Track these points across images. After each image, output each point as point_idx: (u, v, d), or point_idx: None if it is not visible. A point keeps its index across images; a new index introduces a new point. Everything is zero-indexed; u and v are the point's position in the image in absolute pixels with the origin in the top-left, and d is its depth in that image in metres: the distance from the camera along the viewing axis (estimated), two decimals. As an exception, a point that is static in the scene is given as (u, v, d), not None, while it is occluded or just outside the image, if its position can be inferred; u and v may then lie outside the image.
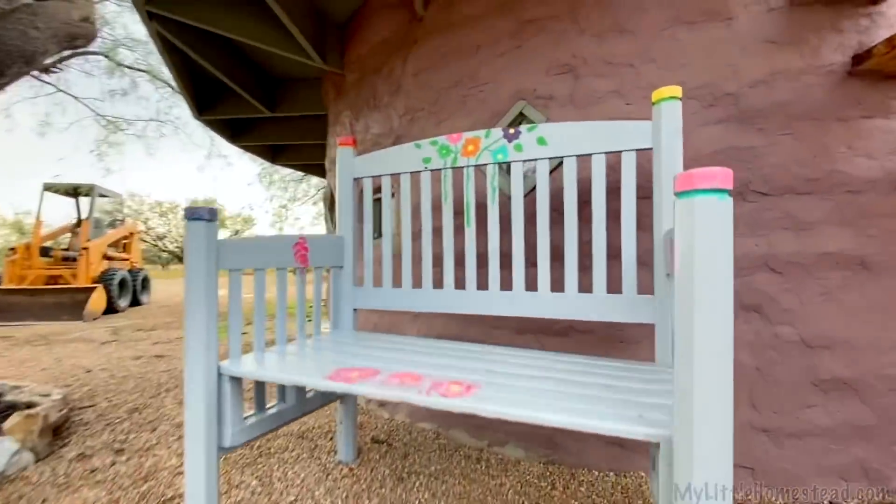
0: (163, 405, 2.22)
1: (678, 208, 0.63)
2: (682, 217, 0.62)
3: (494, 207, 1.38)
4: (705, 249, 0.59)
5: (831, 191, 1.37)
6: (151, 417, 2.05)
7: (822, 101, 1.37)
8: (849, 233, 1.36)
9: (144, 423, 1.98)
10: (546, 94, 1.65)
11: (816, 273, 1.38)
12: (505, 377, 0.98)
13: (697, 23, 1.47)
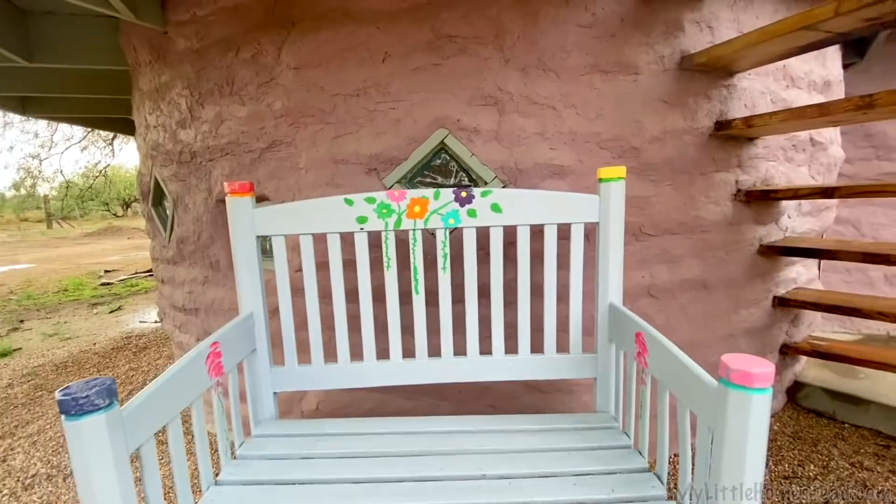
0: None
1: (731, 397, 0.71)
2: (733, 407, 0.70)
3: (446, 276, 1.29)
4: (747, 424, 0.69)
5: (692, 231, 1.71)
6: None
7: (694, 158, 1.66)
8: (698, 262, 1.75)
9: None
10: (471, 126, 1.54)
11: (678, 295, 1.75)
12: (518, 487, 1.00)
13: (611, 73, 1.54)
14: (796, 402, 2.25)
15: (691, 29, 1.58)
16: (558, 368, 1.34)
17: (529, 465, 1.07)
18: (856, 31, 1.20)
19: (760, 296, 1.94)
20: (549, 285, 1.31)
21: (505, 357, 1.34)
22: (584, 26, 1.51)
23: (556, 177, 1.56)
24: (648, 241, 1.67)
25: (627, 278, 1.66)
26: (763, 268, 1.91)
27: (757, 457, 0.71)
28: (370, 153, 1.59)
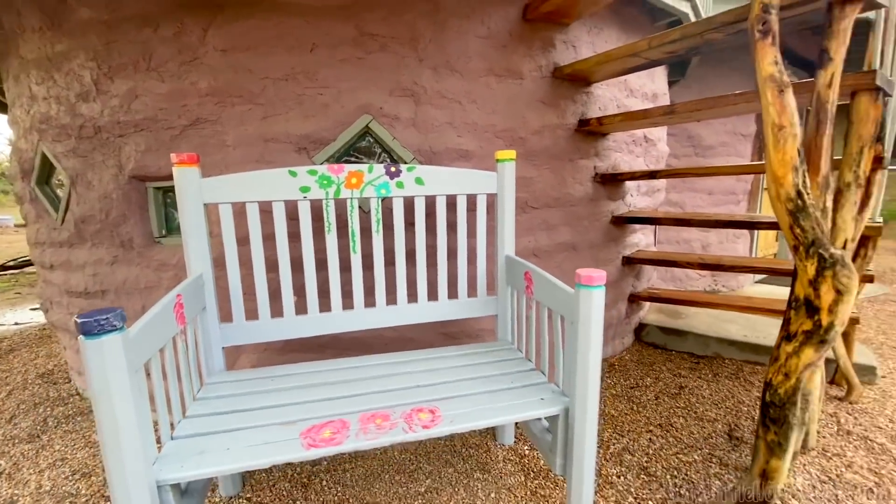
0: None
1: (581, 294, 1.10)
2: (583, 300, 1.10)
3: (379, 238, 1.55)
4: (591, 311, 1.10)
5: (564, 205, 2.20)
6: None
7: (564, 148, 2.13)
8: (569, 230, 2.25)
9: None
10: (392, 113, 1.81)
11: (555, 255, 2.23)
12: (444, 389, 1.31)
13: (503, 76, 1.93)
14: (640, 338, 2.95)
15: (561, 47, 2.03)
16: (470, 309, 1.70)
17: (450, 375, 1.40)
18: (663, 59, 1.73)
19: (613, 256, 2.54)
20: (461, 244, 1.65)
21: (428, 303, 1.65)
22: (481, 37, 1.87)
23: (463, 159, 1.91)
24: (533, 213, 2.11)
25: (518, 243, 2.08)
26: (615, 234, 2.50)
27: (597, 334, 1.12)
28: (300, 133, 1.77)
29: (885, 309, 3.75)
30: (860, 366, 2.29)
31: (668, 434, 1.89)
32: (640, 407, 2.11)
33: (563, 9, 1.82)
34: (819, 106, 1.19)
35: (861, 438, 1.83)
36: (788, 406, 1.12)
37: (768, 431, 1.16)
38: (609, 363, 2.61)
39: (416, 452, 1.78)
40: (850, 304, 1.02)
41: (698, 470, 1.64)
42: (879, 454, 1.73)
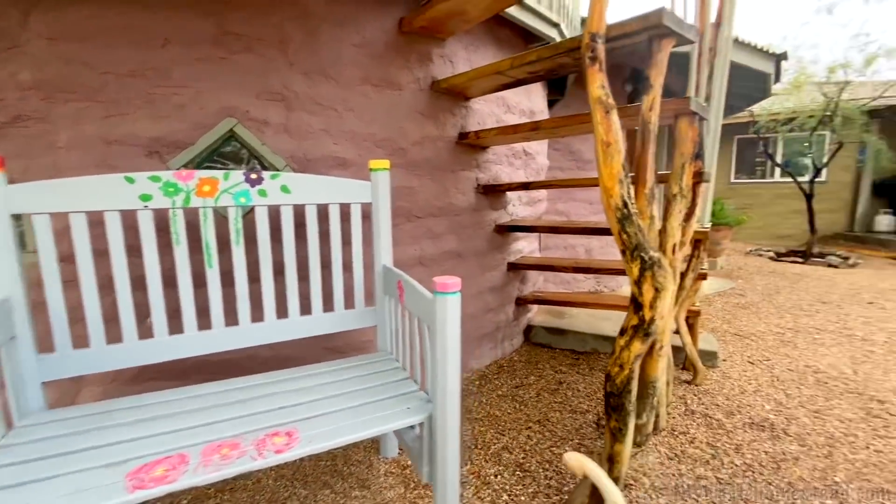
0: None
1: (437, 301, 1.12)
2: (439, 307, 1.12)
3: (240, 250, 1.45)
4: (447, 317, 1.12)
5: (448, 214, 2.25)
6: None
7: (446, 159, 2.19)
8: (454, 238, 2.31)
9: None
10: (260, 117, 1.71)
11: (442, 263, 2.27)
12: (306, 409, 1.25)
13: (381, 86, 1.93)
14: (529, 339, 3.11)
15: (438, 61, 2.09)
16: (347, 321, 1.65)
17: (317, 393, 1.34)
18: (528, 78, 1.86)
19: (499, 262, 2.66)
20: (336, 255, 1.60)
21: (301, 318, 1.58)
22: (357, 45, 1.86)
23: (341, 167, 1.86)
24: (417, 223, 2.13)
25: (403, 251, 2.08)
26: (499, 242, 2.62)
27: (454, 340, 1.15)
28: (151, 135, 1.60)
29: (730, 301, 4.40)
30: (704, 352, 2.64)
31: (545, 429, 2.00)
32: (522, 405, 2.22)
33: (435, 24, 1.88)
34: (643, 127, 1.36)
35: (703, 416, 2.10)
36: (625, 394, 1.24)
37: (611, 419, 1.28)
38: (499, 365, 2.72)
39: (293, 478, 1.68)
40: (667, 300, 1.17)
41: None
42: (717, 429, 2.00)
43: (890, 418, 2.09)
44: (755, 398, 2.28)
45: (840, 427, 2.01)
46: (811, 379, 2.52)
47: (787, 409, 2.17)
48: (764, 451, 1.83)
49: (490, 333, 2.68)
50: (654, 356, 1.74)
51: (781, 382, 2.47)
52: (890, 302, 4.25)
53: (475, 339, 2.55)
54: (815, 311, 3.97)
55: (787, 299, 4.40)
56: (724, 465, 1.74)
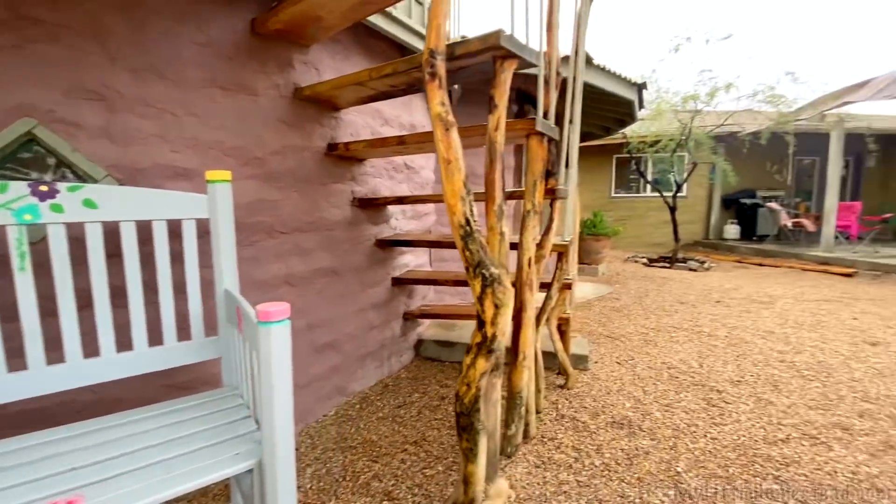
0: None
1: (260, 332, 1.00)
2: (262, 339, 1.00)
3: (27, 278, 1.18)
4: (271, 350, 1.01)
5: (320, 229, 2.13)
6: None
7: (314, 171, 2.06)
8: (328, 254, 2.19)
9: None
10: (71, 119, 1.44)
11: (314, 281, 2.13)
12: (104, 468, 1.04)
13: (232, 90, 1.75)
14: (419, 353, 3.07)
15: (301, 68, 1.97)
16: (180, 355, 1.44)
17: (125, 446, 1.13)
18: (391, 91, 1.82)
19: (381, 278, 2.58)
20: (164, 280, 1.40)
21: (118, 356, 1.34)
22: (200, 44, 1.67)
23: (182, 178, 1.65)
24: (282, 238, 1.97)
25: (266, 270, 1.91)
26: (381, 257, 2.55)
27: (281, 376, 1.03)
28: None
29: (607, 305, 4.80)
30: (577, 356, 2.81)
31: (421, 449, 1.95)
32: (401, 426, 2.15)
33: (293, 29, 1.77)
34: (490, 146, 1.38)
35: (571, 420, 2.21)
36: (473, 413, 1.23)
37: (462, 440, 1.26)
38: (384, 384, 2.62)
39: (114, 545, 1.41)
40: (507, 315, 1.18)
41: (438, 482, 1.72)
42: (582, 431, 2.11)
43: (725, 406, 2.38)
44: (618, 397, 2.46)
45: (685, 419, 2.24)
46: (666, 375, 2.80)
47: (644, 406, 2.37)
48: (621, 449, 1.96)
49: (374, 352, 2.58)
50: (518, 367, 1.77)
51: (641, 380, 2.71)
52: (733, 300, 4.96)
53: (357, 360, 2.44)
54: (674, 311, 4.48)
55: (653, 301, 4.92)
56: (585, 466, 1.83)
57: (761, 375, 2.78)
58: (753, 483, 1.73)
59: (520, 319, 1.71)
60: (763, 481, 1.74)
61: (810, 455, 1.91)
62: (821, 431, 2.11)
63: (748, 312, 4.37)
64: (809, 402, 2.41)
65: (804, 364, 2.96)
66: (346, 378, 2.37)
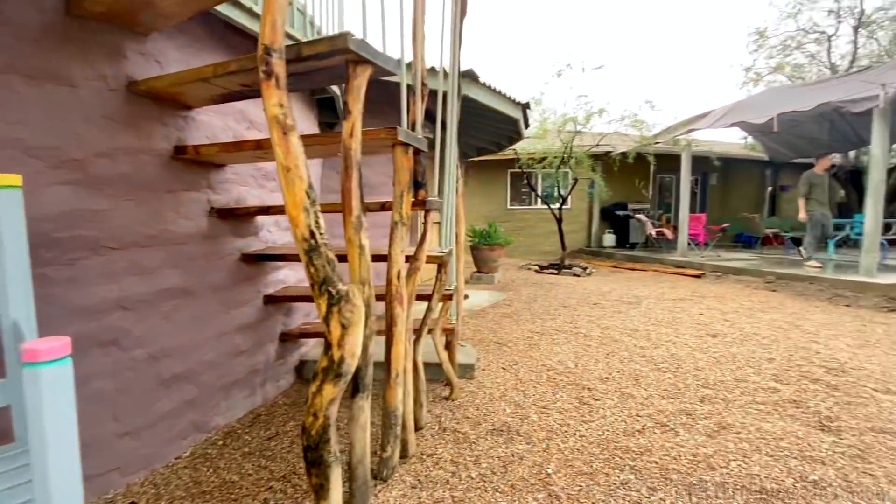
0: None
1: (26, 376, 0.79)
2: (29, 384, 0.79)
3: None
4: (47, 404, 0.81)
5: (165, 244, 1.85)
6: None
7: (157, 177, 1.80)
8: (178, 272, 1.92)
9: None
10: None
11: (159, 304, 1.85)
12: None
13: (39, 79, 1.45)
14: (302, 376, 2.84)
15: (137, 58, 1.71)
16: (-60, 409, 1.11)
17: None
18: (246, 91, 1.65)
19: (251, 296, 2.34)
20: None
21: None
22: (-13, 19, 1.35)
23: (-44, 183, 1.30)
24: (113, 255, 1.67)
25: (90, 294, 1.60)
26: (249, 273, 2.32)
27: (59, 422, 0.83)
28: None
29: (499, 311, 4.98)
30: (463, 365, 2.83)
31: (289, 485, 1.77)
32: (270, 460, 1.94)
33: (121, 14, 1.52)
34: (345, 153, 1.30)
35: (453, 432, 2.19)
36: (322, 446, 1.12)
37: (311, 476, 1.15)
38: (256, 414, 2.37)
39: None
40: (356, 335, 1.10)
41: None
42: (462, 443, 2.09)
43: (594, 403, 2.55)
44: (500, 403, 2.51)
45: (558, 419, 2.35)
46: (545, 377, 2.94)
47: (523, 410, 2.44)
48: (497, 457, 1.97)
49: (243, 379, 2.32)
50: (392, 385, 1.70)
51: (523, 384, 2.81)
52: (608, 302, 5.47)
53: (219, 390, 2.16)
54: (557, 314, 4.79)
55: (540, 306, 5.22)
56: (462, 480, 1.81)
57: (626, 371, 3.05)
58: (612, 476, 1.85)
59: (391, 335, 1.64)
60: (621, 473, 1.87)
61: (661, 442, 2.12)
62: (670, 419, 2.35)
63: (619, 313, 4.84)
64: (662, 393, 2.69)
65: (660, 357, 3.33)
66: (205, 412, 2.08)
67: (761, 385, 2.79)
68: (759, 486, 1.77)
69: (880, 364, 3.17)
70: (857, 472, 1.87)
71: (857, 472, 1.88)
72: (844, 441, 2.12)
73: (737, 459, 1.97)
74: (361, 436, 1.48)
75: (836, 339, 3.81)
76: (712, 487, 1.77)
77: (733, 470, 1.89)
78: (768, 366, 3.13)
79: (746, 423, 2.30)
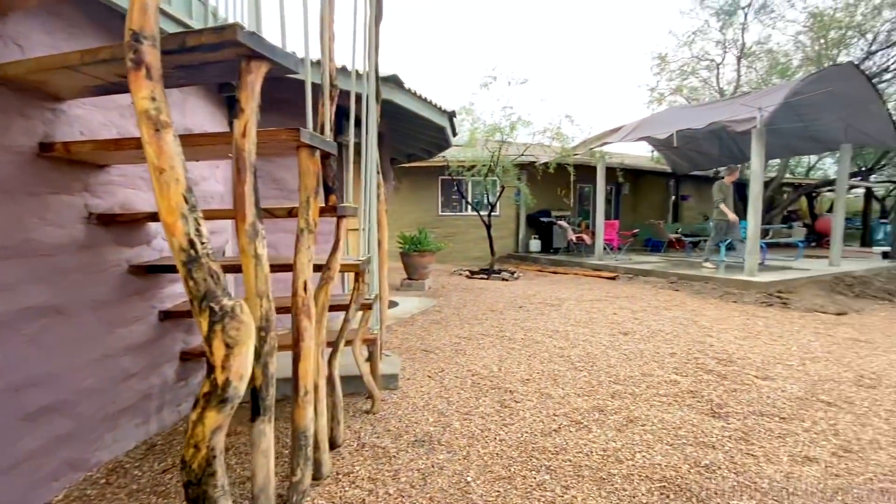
0: None
1: None
2: None
3: None
4: None
5: (28, 256, 1.59)
6: None
7: (16, 178, 1.54)
8: (46, 288, 1.66)
9: None
10: None
11: (22, 326, 1.58)
12: None
13: None
14: (208, 399, 2.60)
15: (-13, 38, 1.47)
16: None
17: None
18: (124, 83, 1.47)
19: (142, 312, 2.09)
20: None
21: None
22: None
23: None
24: (-48, 270, 1.40)
25: (-82, 318, 1.32)
26: (140, 286, 2.07)
27: None
28: None
29: (429, 318, 4.96)
30: (386, 375, 2.76)
31: (183, 523, 1.58)
32: (161, 497, 1.73)
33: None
34: (238, 154, 1.20)
35: (371, 447, 2.11)
36: (206, 480, 1.01)
37: (193, 515, 1.02)
38: (150, 445, 2.11)
39: None
40: (244, 355, 1.00)
41: (196, 562, 1.40)
42: (381, 458, 2.02)
43: (514, 406, 2.60)
44: (423, 413, 2.47)
45: (480, 425, 2.36)
46: (469, 382, 2.95)
47: (445, 418, 2.42)
48: (417, 469, 1.93)
49: (133, 406, 2.06)
50: (300, 405, 1.60)
51: (447, 391, 2.79)
52: (532, 305, 5.66)
53: (103, 421, 1.90)
54: (485, 318, 4.88)
55: (469, 311, 5.28)
56: (379, 498, 1.74)
57: (545, 371, 3.16)
58: (529, 478, 1.88)
59: (298, 351, 1.54)
60: (537, 474, 1.91)
61: (575, 440, 2.20)
62: (584, 416, 2.46)
63: (542, 315, 5.04)
64: (578, 391, 2.81)
65: (577, 357, 3.49)
66: (83, 447, 1.82)
67: (664, 378, 3.02)
68: (660, 475, 1.90)
69: (760, 353, 3.59)
70: (742, 454, 2.07)
71: (741, 453, 2.08)
72: (731, 426, 2.35)
73: (642, 451, 2.10)
74: (264, 462, 1.36)
75: (726, 332, 4.25)
76: (619, 480, 1.87)
77: (638, 461, 2.01)
78: (670, 360, 3.41)
79: (651, 415, 2.47)
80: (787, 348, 3.75)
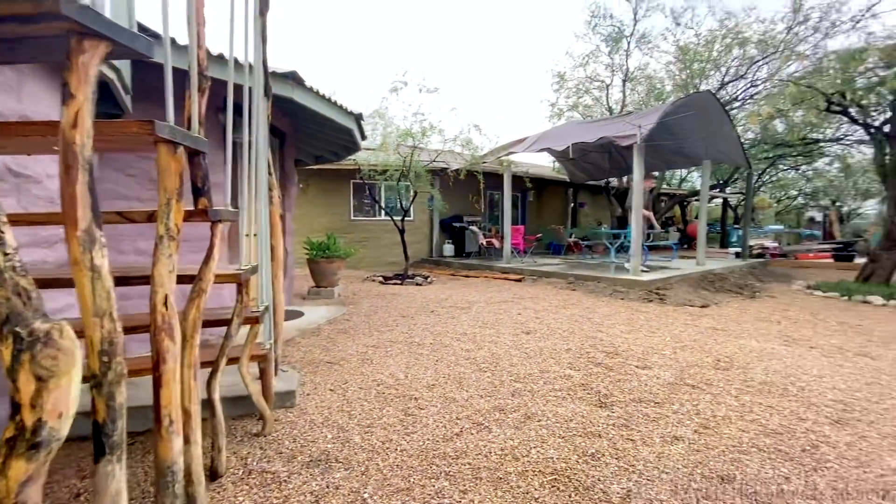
0: None
1: None
2: None
3: None
4: None
5: None
6: None
7: None
8: None
9: None
10: None
11: None
12: None
13: None
14: (57, 437, 2.19)
15: None
16: None
17: None
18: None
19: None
20: None
21: None
22: None
23: None
24: None
25: None
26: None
27: None
28: None
29: (336, 327, 4.75)
30: (281, 393, 2.57)
31: None
32: (-23, 567, 1.40)
33: None
34: (66, 149, 1.01)
35: (260, 474, 1.93)
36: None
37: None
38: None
39: None
40: (65, 389, 0.83)
41: None
42: (270, 484, 1.85)
43: (418, 413, 2.56)
44: (322, 430, 2.33)
45: (382, 436, 2.28)
46: (374, 392, 2.86)
47: (346, 433, 2.31)
48: (310, 492, 1.80)
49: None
50: (164, 436, 1.39)
51: (350, 404, 2.68)
52: (443, 308, 5.71)
53: None
54: (395, 325, 4.80)
55: (379, 318, 5.17)
56: (264, 529, 1.59)
57: (451, 375, 3.18)
58: (428, 486, 1.85)
59: (159, 376, 1.34)
60: (437, 481, 1.89)
61: (475, 442, 2.22)
62: (485, 417, 2.51)
63: (452, 318, 5.10)
64: (481, 392, 2.87)
65: (482, 358, 3.57)
66: None
67: (560, 373, 3.21)
68: (552, 468, 1.98)
69: (641, 345, 3.98)
70: (623, 440, 2.26)
71: (622, 439, 2.26)
72: (615, 414, 2.56)
73: (537, 446, 2.18)
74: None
75: (614, 327, 4.66)
76: (515, 478, 1.92)
77: (533, 457, 2.09)
78: (566, 355, 3.63)
79: (546, 410, 2.59)
80: (662, 339, 4.20)
